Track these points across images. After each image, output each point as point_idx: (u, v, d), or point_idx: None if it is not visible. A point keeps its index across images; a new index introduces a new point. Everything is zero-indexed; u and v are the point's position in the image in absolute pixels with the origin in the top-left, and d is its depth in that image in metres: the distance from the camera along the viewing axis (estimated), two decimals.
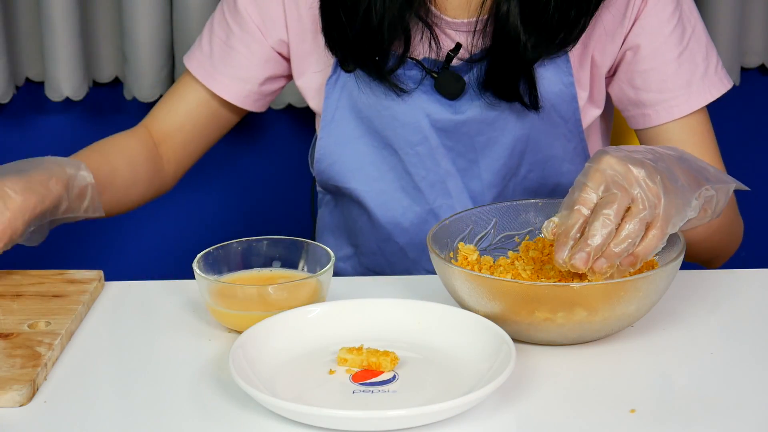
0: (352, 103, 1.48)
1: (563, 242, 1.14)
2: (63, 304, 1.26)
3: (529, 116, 1.46)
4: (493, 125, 1.46)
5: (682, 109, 1.45)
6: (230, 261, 1.28)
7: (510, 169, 1.49)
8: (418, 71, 1.46)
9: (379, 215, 1.52)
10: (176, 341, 1.22)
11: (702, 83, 1.46)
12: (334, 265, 1.23)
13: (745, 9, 2.29)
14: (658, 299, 1.19)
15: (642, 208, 1.14)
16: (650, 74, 1.45)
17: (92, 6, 2.23)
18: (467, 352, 1.15)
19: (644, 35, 1.44)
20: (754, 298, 1.31)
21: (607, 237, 1.13)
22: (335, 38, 1.45)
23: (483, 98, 1.45)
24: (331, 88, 1.49)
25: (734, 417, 1.07)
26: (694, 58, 1.46)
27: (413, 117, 1.46)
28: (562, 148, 1.49)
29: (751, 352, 1.19)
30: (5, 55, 2.18)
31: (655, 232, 1.14)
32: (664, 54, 1.45)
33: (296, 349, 1.16)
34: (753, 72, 2.38)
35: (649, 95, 1.46)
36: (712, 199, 1.21)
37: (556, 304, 1.14)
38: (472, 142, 1.47)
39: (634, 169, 1.15)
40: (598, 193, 1.15)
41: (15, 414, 1.08)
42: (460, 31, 1.45)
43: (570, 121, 1.47)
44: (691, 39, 1.46)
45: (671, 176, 1.17)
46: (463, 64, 1.45)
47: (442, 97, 1.46)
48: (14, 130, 2.34)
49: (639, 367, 1.17)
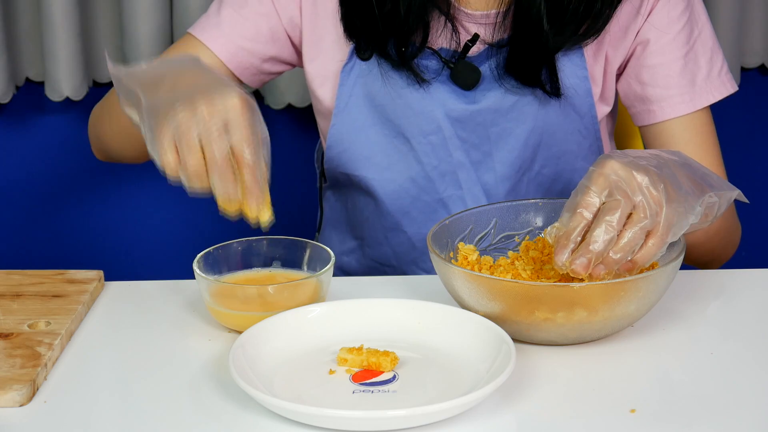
0: (366, 90, 1.48)
1: (564, 245, 1.14)
2: (63, 304, 1.26)
3: (544, 108, 1.47)
4: (508, 116, 1.47)
5: (686, 106, 1.46)
6: (230, 261, 1.28)
7: (524, 162, 1.49)
8: (435, 61, 1.46)
9: (388, 204, 1.52)
10: (176, 341, 1.22)
11: (705, 84, 1.47)
12: (338, 260, 1.23)
13: (745, 9, 2.29)
14: (658, 299, 1.19)
15: (643, 216, 1.14)
16: (657, 70, 1.46)
17: (92, 6, 2.23)
18: (467, 352, 1.15)
19: (654, 31, 1.46)
20: (754, 298, 1.31)
21: (609, 244, 1.13)
22: (357, 26, 1.46)
23: (502, 85, 1.46)
24: (346, 75, 1.49)
25: (734, 417, 1.07)
26: (699, 60, 1.47)
27: (428, 106, 1.46)
28: (577, 144, 1.50)
29: (751, 352, 1.19)
30: (5, 55, 2.18)
31: (655, 241, 1.15)
32: (672, 51, 1.46)
33: (296, 349, 1.16)
34: (753, 72, 2.38)
35: (655, 91, 1.47)
36: (714, 206, 1.22)
37: (556, 304, 1.14)
38: (487, 133, 1.47)
39: (637, 175, 1.15)
40: (601, 197, 1.15)
41: (15, 414, 1.08)
42: (479, 24, 1.46)
43: (585, 117, 1.48)
44: (697, 41, 1.47)
45: (675, 183, 1.17)
46: (481, 54, 1.46)
47: (457, 87, 1.46)
48: (14, 130, 2.34)
49: (639, 367, 1.17)
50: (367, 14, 1.44)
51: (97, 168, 2.38)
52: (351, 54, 1.48)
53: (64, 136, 2.35)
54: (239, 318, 1.20)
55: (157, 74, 1.23)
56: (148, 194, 2.39)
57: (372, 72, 1.48)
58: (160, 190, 2.39)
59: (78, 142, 2.36)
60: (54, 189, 2.38)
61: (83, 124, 2.35)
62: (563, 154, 1.50)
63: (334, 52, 1.50)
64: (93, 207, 2.39)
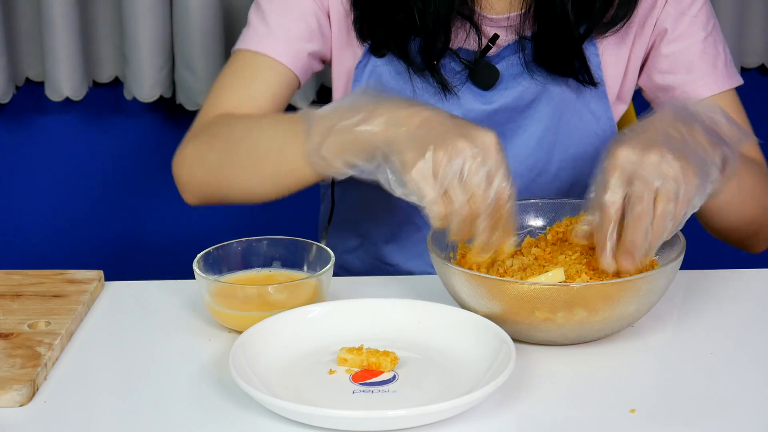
0: (381, 88, 1.48)
1: (604, 246, 1.16)
2: (63, 304, 1.26)
3: (559, 108, 1.48)
4: (523, 113, 1.47)
5: (710, 89, 1.48)
6: (230, 261, 1.28)
7: (538, 162, 1.50)
8: (455, 63, 1.47)
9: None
10: (176, 341, 1.22)
11: (726, 70, 1.49)
12: (340, 258, 1.23)
13: (745, 9, 2.29)
14: (658, 299, 1.19)
15: (666, 203, 1.14)
16: (677, 56, 1.48)
17: (92, 6, 2.23)
18: (467, 352, 1.15)
19: (671, 20, 1.48)
20: (754, 298, 1.31)
21: (645, 237, 1.14)
22: (378, 32, 1.45)
23: (534, 77, 1.46)
24: (360, 72, 1.49)
25: (734, 417, 1.07)
26: (717, 46, 1.50)
27: (444, 106, 1.46)
28: (594, 148, 1.50)
29: (751, 352, 1.19)
30: (5, 55, 2.18)
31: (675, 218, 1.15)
32: (691, 36, 1.48)
33: (296, 349, 1.16)
34: (753, 72, 2.38)
35: (677, 77, 1.49)
36: (729, 159, 1.21)
37: (556, 304, 1.14)
38: (502, 130, 1.48)
39: (652, 157, 1.14)
40: (622, 190, 1.15)
41: (15, 414, 1.08)
42: (500, 27, 1.47)
43: (602, 119, 1.49)
44: (714, 29, 1.50)
45: (687, 152, 1.16)
46: (499, 54, 1.47)
47: (474, 87, 1.47)
48: (14, 130, 2.34)
49: (639, 367, 1.17)
50: (385, 20, 1.44)
51: (97, 168, 2.38)
52: (366, 52, 1.49)
53: (64, 136, 2.35)
54: (239, 318, 1.20)
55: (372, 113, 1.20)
56: (148, 194, 2.39)
57: (386, 68, 1.48)
58: (160, 191, 2.39)
59: (78, 142, 2.37)
60: (54, 189, 2.38)
61: (83, 124, 2.36)
62: (580, 156, 1.50)
63: (354, 49, 1.50)
64: (93, 207, 2.39)
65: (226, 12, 2.23)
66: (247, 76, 1.46)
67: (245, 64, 1.46)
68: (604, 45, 1.49)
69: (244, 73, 1.46)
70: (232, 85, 1.46)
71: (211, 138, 1.39)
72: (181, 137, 1.45)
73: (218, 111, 1.44)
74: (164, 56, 2.21)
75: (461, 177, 1.13)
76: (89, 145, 2.36)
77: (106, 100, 2.33)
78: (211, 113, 1.44)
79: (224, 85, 1.46)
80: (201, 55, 2.19)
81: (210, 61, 2.20)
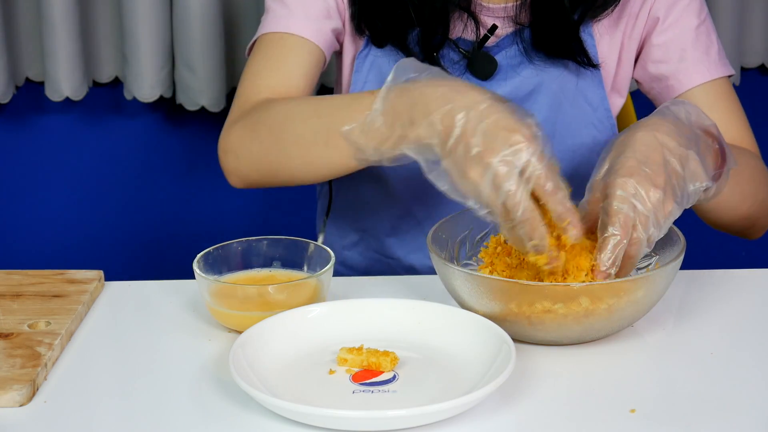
0: (381, 78, 1.49)
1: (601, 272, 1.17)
2: (63, 304, 1.26)
3: (557, 98, 1.49)
4: (522, 104, 1.47)
5: (703, 75, 1.49)
6: (230, 261, 1.28)
7: None
8: (453, 52, 1.48)
9: (399, 190, 1.53)
10: (176, 341, 1.22)
11: (719, 58, 1.50)
12: (340, 254, 1.23)
13: (745, 9, 2.29)
14: (658, 299, 1.19)
15: (643, 234, 1.16)
16: (669, 45, 1.50)
17: (92, 6, 2.23)
18: (467, 352, 1.15)
19: (663, 9, 1.49)
20: (754, 298, 1.31)
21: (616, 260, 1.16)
22: (376, 25, 1.46)
23: (533, 62, 1.47)
24: (361, 62, 1.50)
25: (734, 417, 1.07)
26: (710, 35, 1.51)
27: None
28: (592, 138, 1.51)
29: (751, 352, 1.19)
30: (5, 55, 2.18)
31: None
32: (683, 24, 1.50)
33: (296, 349, 1.16)
34: (753, 72, 2.38)
35: (670, 66, 1.50)
36: (722, 174, 1.24)
37: (557, 303, 1.14)
38: None
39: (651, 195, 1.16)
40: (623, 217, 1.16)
41: (15, 414, 1.08)
42: (497, 17, 1.48)
43: (598, 109, 1.50)
44: (706, 19, 1.52)
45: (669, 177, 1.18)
46: (498, 44, 1.48)
47: (473, 77, 1.48)
48: (14, 130, 2.34)
49: (639, 367, 1.17)
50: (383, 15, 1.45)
51: (96, 168, 2.38)
52: (366, 42, 1.50)
53: (64, 136, 2.35)
54: (239, 318, 1.20)
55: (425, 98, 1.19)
56: (148, 194, 2.39)
57: (386, 59, 1.49)
58: (160, 191, 2.39)
59: (78, 142, 2.37)
60: (53, 189, 2.38)
61: (83, 124, 2.36)
62: (578, 147, 1.51)
63: (356, 36, 1.51)
64: (93, 207, 2.39)
65: (226, 12, 2.23)
66: (278, 58, 1.46)
67: (273, 46, 1.47)
68: (599, 31, 1.50)
69: (274, 54, 1.47)
70: (266, 68, 1.46)
71: (255, 125, 1.38)
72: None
73: (256, 96, 1.44)
74: (164, 56, 2.21)
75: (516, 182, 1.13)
76: (89, 145, 2.36)
77: (106, 100, 2.33)
78: (251, 99, 1.44)
79: (257, 69, 1.47)
80: (201, 55, 2.19)
81: (210, 61, 2.20)
